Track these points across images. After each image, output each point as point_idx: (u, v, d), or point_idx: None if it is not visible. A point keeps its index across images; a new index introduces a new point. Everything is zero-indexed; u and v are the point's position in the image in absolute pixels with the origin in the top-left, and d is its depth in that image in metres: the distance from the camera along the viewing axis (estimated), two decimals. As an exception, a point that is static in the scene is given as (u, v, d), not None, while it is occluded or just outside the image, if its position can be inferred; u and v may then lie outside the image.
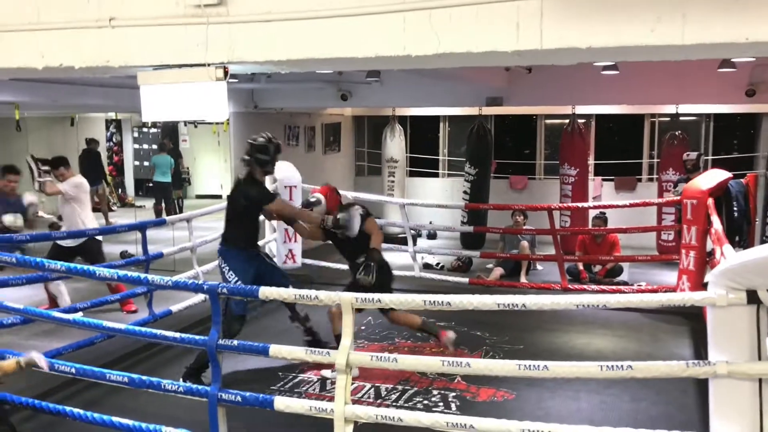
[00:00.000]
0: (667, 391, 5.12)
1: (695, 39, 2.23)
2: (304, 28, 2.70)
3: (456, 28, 2.47)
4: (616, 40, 2.30)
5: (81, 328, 4.54)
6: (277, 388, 5.29)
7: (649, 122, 11.66)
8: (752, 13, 2.15)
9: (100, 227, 6.61)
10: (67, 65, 3.10)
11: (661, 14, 2.24)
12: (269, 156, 5.38)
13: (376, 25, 2.60)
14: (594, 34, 2.32)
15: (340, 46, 2.67)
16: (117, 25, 2.96)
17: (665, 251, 9.89)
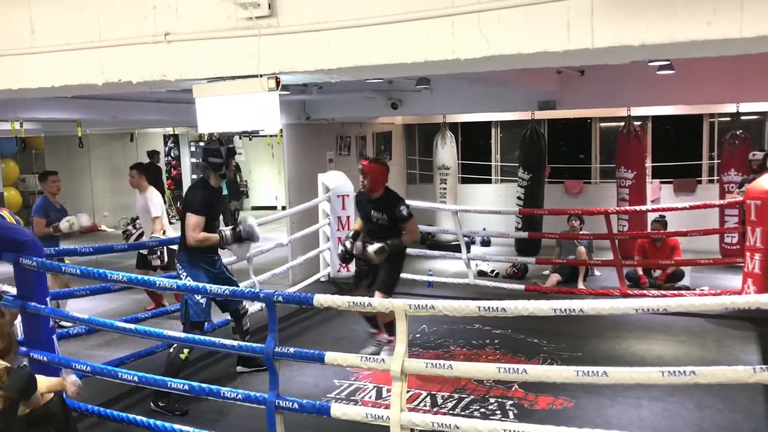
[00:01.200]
0: (733, 399, 4.94)
1: (755, 31, 2.16)
2: (353, 36, 2.73)
3: (505, 30, 2.45)
4: (671, 35, 2.24)
5: (143, 337, 4.64)
6: (333, 396, 5.31)
7: (708, 122, 11.34)
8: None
9: (159, 239, 6.77)
10: (126, 80, 3.20)
11: (717, 6, 2.17)
12: (222, 159, 5.24)
13: (425, 30, 2.60)
14: (647, 30, 2.27)
15: (389, 53, 2.68)
16: (172, 39, 3.05)
17: (729, 255, 9.58)
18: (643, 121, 11.23)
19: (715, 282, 8.73)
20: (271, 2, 2.83)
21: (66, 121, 8.26)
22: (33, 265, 4.46)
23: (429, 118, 12.37)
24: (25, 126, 8.13)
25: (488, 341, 6.57)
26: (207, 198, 5.23)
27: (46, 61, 3.36)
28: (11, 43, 3.50)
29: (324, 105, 9.63)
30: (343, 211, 8.59)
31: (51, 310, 4.73)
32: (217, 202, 5.40)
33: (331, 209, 8.60)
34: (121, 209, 14.63)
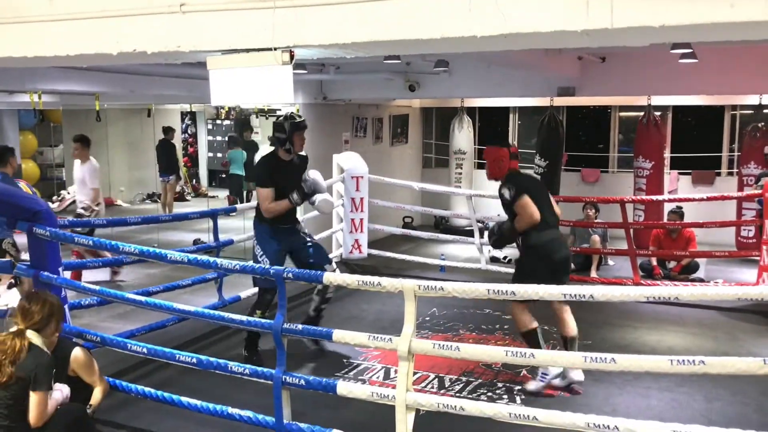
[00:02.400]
0: (744, 392, 4.90)
1: (778, 14, 2.11)
2: (369, 10, 2.69)
3: (523, 7, 2.40)
4: (691, 17, 2.19)
5: (153, 310, 4.68)
6: (341, 375, 5.33)
7: (729, 114, 11.18)
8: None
9: (173, 214, 6.81)
10: (140, 50, 3.19)
11: (743, -14, 2.11)
12: (285, 134, 5.40)
13: (441, 5, 2.56)
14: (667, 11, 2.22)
15: (404, 28, 2.64)
16: (187, 10, 3.03)
17: (745, 248, 9.47)
18: (663, 111, 11.09)
19: (730, 275, 8.65)
20: (287, -26, 2.80)
21: (84, 93, 8.29)
22: (46, 234, 4.49)
23: (446, 102, 12.30)
24: (43, 98, 8.17)
25: (498, 326, 6.56)
26: (269, 170, 5.44)
27: (62, 29, 3.36)
28: (29, 10, 3.49)
29: (341, 85, 9.60)
30: (357, 193, 8.58)
31: (63, 280, 4.77)
32: (286, 174, 5.46)
33: (345, 190, 8.59)
34: (137, 184, 14.72)
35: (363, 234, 8.67)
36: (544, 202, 5.11)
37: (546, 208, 5.08)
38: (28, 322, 3.67)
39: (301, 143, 5.53)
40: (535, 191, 5.08)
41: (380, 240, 9.91)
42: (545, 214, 5.02)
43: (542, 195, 5.16)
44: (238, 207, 7.77)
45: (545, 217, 5.00)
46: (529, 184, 5.20)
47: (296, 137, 5.44)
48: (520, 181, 5.11)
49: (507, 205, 5.09)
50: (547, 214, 5.06)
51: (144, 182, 14.67)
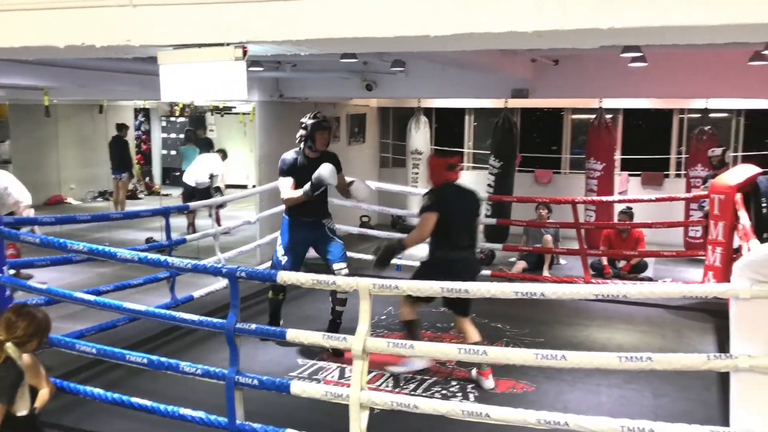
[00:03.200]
0: (689, 388, 5.04)
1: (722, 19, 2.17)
2: (323, 7, 2.68)
3: (476, 7, 2.43)
4: (641, 20, 2.24)
5: (103, 309, 4.58)
6: (296, 375, 5.31)
7: (677, 118, 11.47)
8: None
9: (125, 212, 6.68)
10: (89, 44, 3.11)
11: (688, -8, 2.17)
12: (307, 132, 5.74)
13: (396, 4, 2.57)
14: (617, 13, 2.27)
15: (358, 26, 2.64)
16: (138, 3, 2.97)
17: (692, 248, 9.73)
18: (614, 114, 11.32)
19: (678, 274, 8.88)
20: (241, -31, 2.77)
21: (31, 88, 8.06)
22: (-10, 232, 4.37)
23: (404, 102, 12.34)
24: (-12, 92, 7.95)
25: (452, 325, 6.58)
26: (289, 164, 5.82)
27: (6, 20, 3.25)
28: (-28, 1, 3.39)
29: (297, 83, 9.55)
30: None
31: (8, 279, 4.63)
32: (311, 170, 5.62)
33: (302, 189, 8.53)
34: (89, 182, 14.40)
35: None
36: (463, 223, 5.09)
37: (461, 230, 5.07)
38: (11, 335, 3.51)
39: (324, 141, 5.78)
40: (455, 210, 5.03)
41: (337, 239, 9.88)
42: (456, 236, 5.01)
43: (464, 216, 5.12)
44: (191, 205, 7.66)
45: (456, 240, 5.01)
46: (452, 201, 5.09)
47: (318, 135, 5.73)
48: (443, 196, 5.08)
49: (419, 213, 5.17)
50: (460, 236, 5.04)
51: (96, 180, 14.35)
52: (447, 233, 4.98)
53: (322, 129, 5.76)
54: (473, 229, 5.24)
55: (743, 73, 7.61)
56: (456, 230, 5.02)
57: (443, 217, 4.95)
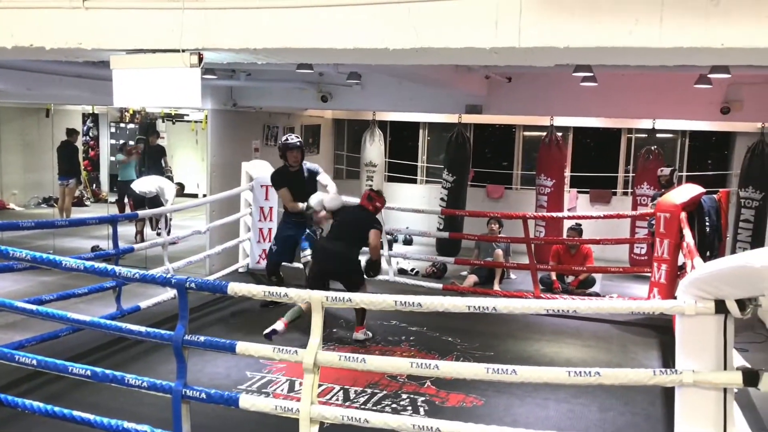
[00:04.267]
0: (635, 402, 5.13)
1: (672, 42, 2.24)
2: (281, 17, 2.67)
3: (434, 23, 2.45)
4: (594, 40, 2.30)
5: (45, 319, 4.43)
6: (244, 388, 5.22)
7: (625, 137, 11.76)
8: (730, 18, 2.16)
9: (70, 219, 6.49)
10: (38, 46, 3.02)
11: (640, 16, 2.24)
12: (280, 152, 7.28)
13: (355, 17, 2.57)
14: (572, 33, 2.31)
15: (317, 37, 2.63)
16: (91, 6, 2.90)
17: (638, 265, 9.97)
18: (564, 132, 11.55)
19: (624, 290, 9.06)
20: (198, -24, 2.73)
21: (-26, 90, 7.81)
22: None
23: (359, 115, 12.36)
24: (-72, 92, 7.65)
25: (404, 338, 6.61)
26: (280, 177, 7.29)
27: (-50, 19, 3.15)
28: None
29: (252, 92, 9.47)
30: (266, 202, 8.47)
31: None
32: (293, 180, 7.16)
33: (254, 199, 8.46)
34: (33, 187, 13.98)
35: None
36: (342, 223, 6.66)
37: (339, 231, 6.60)
38: None
39: (294, 158, 7.12)
40: (345, 215, 6.75)
41: (288, 250, 9.78)
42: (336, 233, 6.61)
43: (348, 220, 6.65)
44: (141, 213, 7.50)
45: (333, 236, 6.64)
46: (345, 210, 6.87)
47: (288, 154, 7.09)
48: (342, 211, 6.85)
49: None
50: (337, 233, 6.59)
51: (40, 185, 13.94)
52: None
53: (290, 149, 7.03)
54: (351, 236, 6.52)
55: (689, 95, 7.87)
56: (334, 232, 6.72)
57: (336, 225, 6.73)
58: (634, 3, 2.25)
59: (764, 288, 2.93)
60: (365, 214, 6.65)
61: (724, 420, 3.19)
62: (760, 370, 3.13)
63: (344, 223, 6.63)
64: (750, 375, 3.10)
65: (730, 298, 3.07)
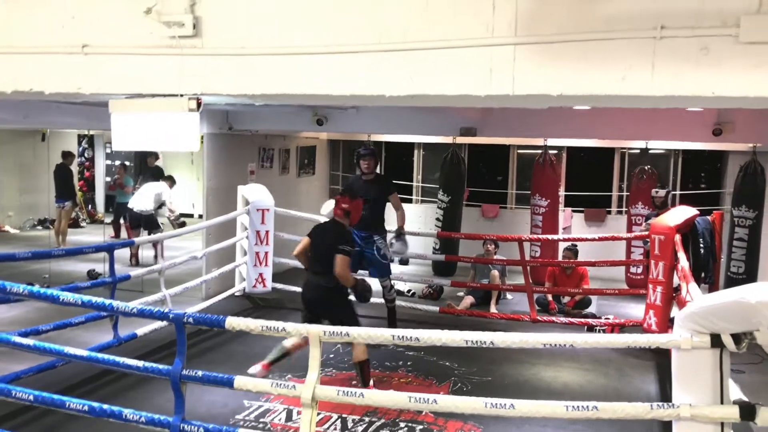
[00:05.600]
0: (630, 427, 5.11)
1: (664, 91, 2.28)
2: (280, 64, 2.70)
3: (430, 71, 2.49)
4: (588, 88, 2.34)
5: (43, 354, 4.42)
6: (242, 418, 5.21)
7: (619, 154, 11.84)
8: (721, 67, 2.20)
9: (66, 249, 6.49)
10: (37, 90, 3.05)
11: (633, 63, 2.28)
12: (356, 160, 7.28)
13: (352, 64, 2.61)
14: (565, 81, 2.35)
15: (315, 84, 2.67)
16: (90, 52, 2.93)
17: (634, 284, 10.00)
18: (558, 150, 11.62)
19: (620, 310, 9.08)
20: (196, 23, 2.76)
21: (-30, 117, 7.83)
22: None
23: (354, 136, 12.40)
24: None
25: (401, 363, 6.61)
26: (351, 181, 7.50)
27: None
28: None
29: (247, 116, 9.50)
30: (262, 225, 8.47)
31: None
32: (365, 187, 6.95)
33: (250, 223, 8.47)
34: (28, 210, 13.97)
35: (268, 267, 8.55)
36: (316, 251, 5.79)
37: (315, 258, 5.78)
38: None
39: (366, 166, 7.07)
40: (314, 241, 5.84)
41: (285, 272, 9.79)
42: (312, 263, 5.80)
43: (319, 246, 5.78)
44: (137, 240, 7.49)
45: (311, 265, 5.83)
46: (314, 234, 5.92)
47: (362, 162, 7.08)
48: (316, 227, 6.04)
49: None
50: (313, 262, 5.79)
51: (35, 207, 13.94)
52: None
53: (362, 157, 7.07)
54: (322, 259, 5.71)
55: (681, 118, 7.93)
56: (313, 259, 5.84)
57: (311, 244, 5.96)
58: (626, 50, 2.29)
59: (759, 323, 2.96)
60: (333, 229, 5.76)
61: (721, 453, 3.21)
62: (757, 405, 3.15)
63: (316, 246, 5.77)
64: (746, 409, 3.12)
65: (726, 333, 3.10)
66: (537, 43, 2.30)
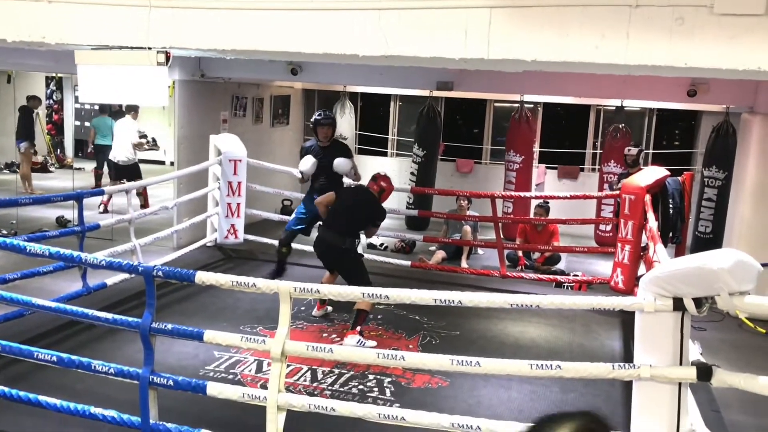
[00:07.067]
0: (595, 383, 5.26)
1: (638, 60, 2.27)
2: (251, 19, 2.63)
3: (405, 32, 2.44)
4: (561, 54, 2.32)
5: (7, 304, 4.38)
6: (212, 369, 5.25)
7: (594, 111, 11.88)
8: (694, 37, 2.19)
9: (34, 197, 6.39)
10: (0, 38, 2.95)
11: (606, 32, 2.26)
12: (312, 128, 7.25)
13: (326, 22, 2.55)
14: (540, 47, 2.33)
15: (287, 41, 2.61)
16: (55, 0, 2.83)
17: (603, 241, 10.16)
18: (535, 105, 11.61)
19: (588, 267, 9.24)
20: (165, -26, 2.68)
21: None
22: None
23: (329, 86, 12.25)
24: None
25: (371, 316, 6.67)
26: (309, 146, 7.18)
27: None
28: None
29: (220, 63, 9.30)
30: (235, 176, 8.40)
31: None
32: (323, 154, 6.98)
33: (222, 173, 8.39)
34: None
35: (239, 219, 8.52)
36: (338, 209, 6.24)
37: (337, 216, 6.19)
38: None
39: (324, 134, 6.99)
40: (345, 200, 6.33)
41: (257, 224, 9.77)
42: (333, 219, 6.20)
43: (344, 206, 6.24)
44: (107, 189, 7.39)
45: (329, 220, 6.24)
46: (342, 193, 6.57)
47: (319, 130, 6.98)
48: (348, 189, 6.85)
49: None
50: (335, 219, 6.19)
51: (2, 150, 13.67)
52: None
53: (321, 125, 6.95)
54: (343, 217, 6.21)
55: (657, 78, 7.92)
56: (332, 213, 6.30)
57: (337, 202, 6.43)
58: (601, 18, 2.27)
59: (720, 288, 3.02)
60: (370, 200, 6.24)
61: (678, 411, 3.32)
62: (713, 366, 3.25)
63: (345, 207, 6.19)
64: (703, 370, 3.21)
65: (688, 297, 3.16)
66: (513, 6, 2.26)
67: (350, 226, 6.13)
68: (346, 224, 6.09)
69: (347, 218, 6.10)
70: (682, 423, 3.32)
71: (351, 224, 6.13)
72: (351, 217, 6.11)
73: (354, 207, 6.17)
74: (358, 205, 6.20)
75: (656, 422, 3.34)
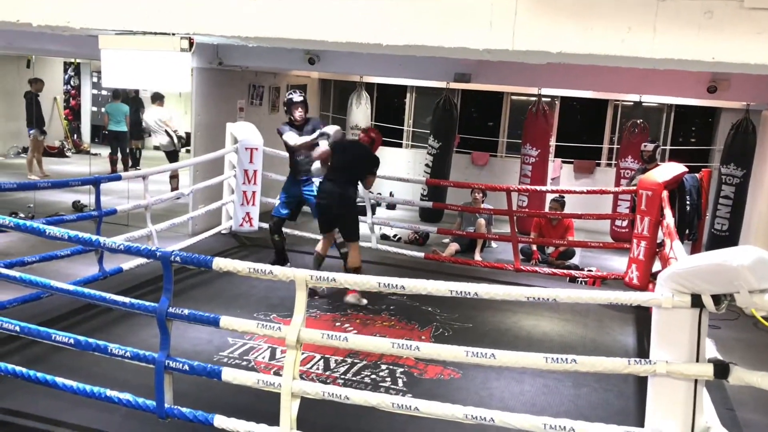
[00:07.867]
0: (607, 379, 5.25)
1: (664, 53, 2.25)
2: (275, 7, 2.63)
3: (428, 21, 2.43)
4: (587, 47, 2.30)
5: (28, 286, 4.42)
6: (226, 355, 5.28)
7: (612, 106, 11.80)
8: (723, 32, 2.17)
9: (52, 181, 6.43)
10: (24, 21, 2.96)
11: (633, 25, 2.24)
12: (286, 108, 7.46)
13: (350, 11, 2.54)
14: (565, 39, 2.31)
15: (309, 29, 2.60)
16: (79, -16, 2.84)
17: (618, 236, 10.11)
18: (552, 99, 11.54)
19: (603, 263, 9.20)
20: (191, -41, 2.67)
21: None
22: None
23: (346, 76, 12.24)
24: None
25: (384, 307, 6.69)
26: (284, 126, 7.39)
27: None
28: None
29: (238, 52, 9.33)
30: (251, 165, 8.43)
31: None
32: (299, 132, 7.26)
33: (238, 161, 8.41)
34: (12, 137, 13.80)
35: (255, 207, 8.55)
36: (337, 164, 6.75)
37: (340, 169, 6.71)
38: None
39: (298, 112, 7.24)
40: (342, 154, 6.82)
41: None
42: (336, 173, 6.71)
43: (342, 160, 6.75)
44: (123, 175, 7.43)
45: (333, 174, 6.73)
46: (342, 146, 7.02)
47: (292, 108, 7.25)
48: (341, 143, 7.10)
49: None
50: (338, 172, 6.71)
51: (19, 135, 13.77)
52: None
53: (293, 104, 7.22)
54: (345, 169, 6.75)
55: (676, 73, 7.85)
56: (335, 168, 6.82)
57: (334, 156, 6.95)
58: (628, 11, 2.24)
59: (740, 285, 3.00)
60: (365, 151, 6.86)
61: (693, 408, 3.30)
62: (731, 363, 3.23)
63: (345, 161, 6.73)
64: (720, 368, 3.19)
65: (706, 294, 3.14)
66: (539, -4, 2.25)
67: (352, 177, 6.74)
68: (349, 176, 6.69)
69: (349, 171, 6.69)
70: (698, 420, 3.30)
71: (352, 175, 6.74)
72: (351, 170, 6.71)
73: (353, 161, 6.76)
74: (356, 158, 6.81)
75: (671, 419, 3.32)
